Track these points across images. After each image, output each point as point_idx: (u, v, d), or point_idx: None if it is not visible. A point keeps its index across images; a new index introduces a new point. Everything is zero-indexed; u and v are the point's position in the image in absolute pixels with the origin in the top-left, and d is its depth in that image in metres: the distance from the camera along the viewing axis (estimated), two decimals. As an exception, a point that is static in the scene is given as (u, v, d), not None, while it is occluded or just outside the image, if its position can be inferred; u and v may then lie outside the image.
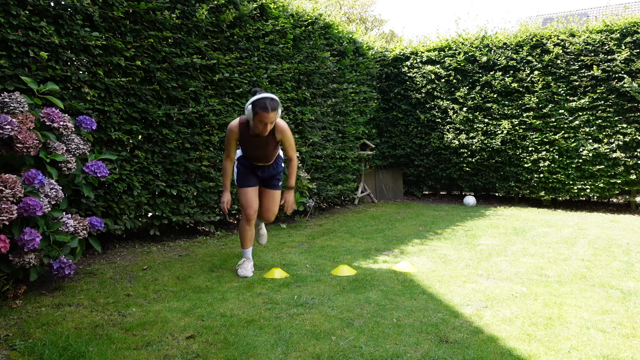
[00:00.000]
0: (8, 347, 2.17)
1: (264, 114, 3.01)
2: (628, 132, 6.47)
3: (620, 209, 7.02)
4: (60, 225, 2.86)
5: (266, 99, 3.03)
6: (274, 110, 3.03)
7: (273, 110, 3.03)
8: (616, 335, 2.34)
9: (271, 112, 3.02)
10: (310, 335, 2.32)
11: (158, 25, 4.17)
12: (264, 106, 3.01)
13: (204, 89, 4.61)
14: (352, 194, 7.46)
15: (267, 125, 3.06)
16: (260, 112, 3.01)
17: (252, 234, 3.50)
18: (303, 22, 5.93)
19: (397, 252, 4.14)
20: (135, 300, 2.84)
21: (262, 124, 3.05)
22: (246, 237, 3.48)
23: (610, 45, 6.51)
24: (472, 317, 2.59)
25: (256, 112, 3.03)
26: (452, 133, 7.75)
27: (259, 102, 3.03)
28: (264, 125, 3.06)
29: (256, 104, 3.03)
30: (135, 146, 4.16)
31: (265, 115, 3.01)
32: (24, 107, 2.85)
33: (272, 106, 3.03)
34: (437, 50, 7.92)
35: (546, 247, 4.36)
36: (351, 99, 7.05)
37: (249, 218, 3.40)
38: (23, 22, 3.21)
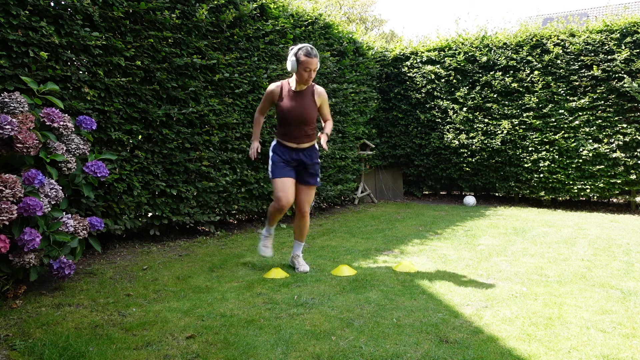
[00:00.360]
0: (8, 347, 2.17)
1: (308, 59, 3.17)
2: (628, 132, 6.47)
3: (620, 209, 7.02)
4: (60, 225, 2.86)
5: (307, 46, 3.21)
6: (316, 56, 3.20)
7: (315, 56, 3.19)
8: (616, 335, 2.34)
9: (314, 57, 3.18)
10: (310, 335, 2.32)
11: (158, 25, 4.17)
12: (307, 52, 3.17)
13: (204, 89, 4.61)
14: (352, 194, 7.46)
15: (312, 72, 3.21)
16: (305, 59, 3.17)
17: (279, 218, 3.53)
18: (303, 22, 5.93)
19: (397, 252, 4.14)
20: (135, 300, 2.84)
21: (306, 72, 3.20)
22: (275, 218, 3.52)
23: (610, 45, 6.51)
24: (472, 317, 2.59)
25: (300, 60, 3.17)
26: (452, 133, 7.75)
27: (301, 49, 3.19)
28: (309, 73, 3.21)
29: (299, 52, 3.18)
30: (135, 146, 4.16)
31: (309, 60, 3.17)
32: (24, 107, 2.85)
33: (314, 53, 3.19)
34: (437, 50, 7.92)
35: (546, 247, 4.36)
36: (351, 99, 7.05)
37: (282, 208, 3.35)
38: (23, 22, 3.21)
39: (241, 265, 3.67)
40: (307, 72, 3.20)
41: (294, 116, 3.32)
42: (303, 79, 3.24)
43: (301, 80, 3.25)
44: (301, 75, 3.22)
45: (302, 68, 3.18)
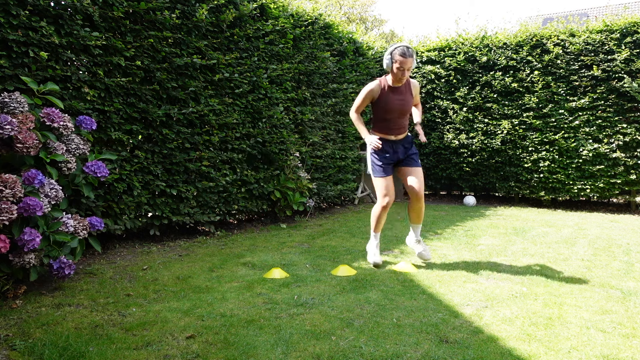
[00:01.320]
0: (8, 347, 2.17)
1: (403, 59, 3.29)
2: (628, 132, 6.47)
3: (620, 209, 7.02)
4: (60, 225, 2.86)
5: (403, 46, 3.32)
6: (411, 56, 3.31)
7: (410, 56, 3.31)
8: (616, 335, 2.34)
9: (409, 57, 3.30)
10: (310, 335, 2.32)
11: (158, 25, 4.17)
12: (402, 52, 3.29)
13: (204, 89, 4.61)
14: (352, 194, 7.46)
15: (406, 71, 3.33)
16: (400, 59, 3.29)
17: (385, 219, 3.67)
18: (303, 22, 5.94)
19: (397, 252, 4.14)
20: (135, 300, 2.84)
21: (401, 71, 3.33)
22: (381, 222, 3.65)
23: (610, 45, 6.51)
24: (472, 317, 2.59)
25: (395, 59, 3.31)
26: (452, 133, 7.75)
27: (397, 49, 3.31)
28: (403, 72, 3.33)
29: (395, 51, 3.31)
30: (135, 146, 4.16)
31: (404, 60, 3.29)
32: (24, 107, 2.85)
33: (410, 53, 3.31)
34: (437, 50, 7.92)
35: (546, 247, 4.36)
36: (351, 99, 7.05)
37: (387, 206, 3.55)
38: (23, 22, 3.22)
39: (241, 265, 3.68)
40: (401, 71, 3.33)
41: (394, 110, 3.50)
42: (397, 77, 3.39)
43: (395, 78, 3.41)
44: (395, 74, 3.37)
45: (397, 67, 3.32)
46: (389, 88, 3.49)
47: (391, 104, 3.49)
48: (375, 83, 3.51)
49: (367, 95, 3.53)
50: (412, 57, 3.32)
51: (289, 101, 5.73)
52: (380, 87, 3.50)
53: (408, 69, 3.34)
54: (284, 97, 5.59)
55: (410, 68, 3.34)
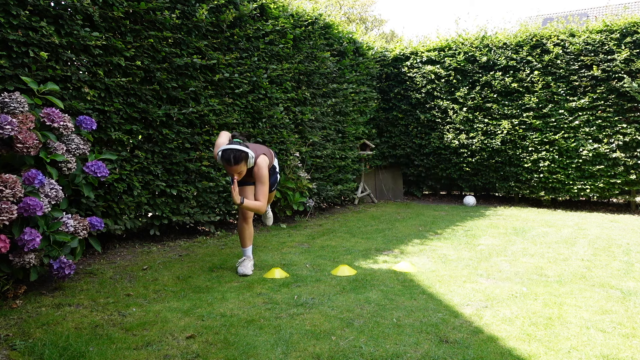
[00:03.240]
0: (8, 347, 2.17)
1: (228, 167, 3.09)
2: (628, 132, 6.47)
3: (620, 209, 7.02)
4: (60, 225, 2.86)
5: (231, 151, 3.06)
6: (237, 163, 3.07)
7: (236, 164, 3.07)
8: (616, 335, 2.34)
9: (234, 165, 3.07)
10: (310, 335, 2.32)
11: (158, 25, 4.17)
12: (227, 159, 3.07)
13: (204, 89, 4.61)
14: (352, 194, 7.46)
15: (235, 174, 3.12)
16: (225, 165, 3.10)
17: (251, 232, 3.52)
18: (303, 22, 5.93)
19: (397, 252, 4.14)
20: (135, 300, 2.84)
21: (229, 174, 3.14)
22: (245, 235, 3.51)
23: (610, 45, 6.51)
24: (472, 317, 2.59)
25: (222, 164, 3.12)
26: (452, 133, 7.75)
27: (223, 154, 3.08)
28: (232, 176, 3.13)
29: (221, 156, 3.10)
30: (135, 146, 4.16)
31: (228, 168, 3.09)
32: (24, 107, 2.85)
33: (236, 160, 3.06)
34: (437, 50, 7.92)
35: (546, 247, 4.36)
36: (351, 99, 7.05)
37: (245, 216, 3.47)
38: (23, 22, 3.22)
39: (241, 265, 3.67)
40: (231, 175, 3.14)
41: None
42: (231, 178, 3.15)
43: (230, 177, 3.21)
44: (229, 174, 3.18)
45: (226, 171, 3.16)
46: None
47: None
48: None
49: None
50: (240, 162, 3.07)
51: (289, 101, 5.73)
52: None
53: (238, 173, 3.12)
54: (284, 97, 5.59)
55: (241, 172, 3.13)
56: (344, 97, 6.85)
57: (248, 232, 3.50)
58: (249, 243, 3.51)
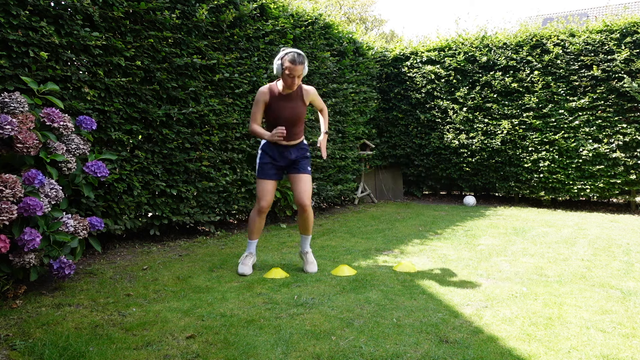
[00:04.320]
0: (8, 347, 2.17)
1: (292, 66, 3.15)
2: (628, 132, 6.47)
3: (620, 209, 7.02)
4: (60, 225, 2.86)
5: (294, 52, 3.18)
6: (301, 63, 3.17)
7: (301, 64, 3.17)
8: (616, 335, 2.34)
9: (298, 65, 3.16)
10: (310, 335, 2.32)
11: (158, 25, 4.17)
12: (292, 59, 3.15)
13: (204, 89, 4.61)
14: (352, 194, 7.46)
15: (295, 78, 3.19)
16: (289, 65, 3.15)
17: (262, 226, 3.47)
18: (303, 22, 5.94)
19: (397, 252, 4.14)
20: (135, 300, 2.84)
21: (290, 78, 3.19)
22: (254, 228, 3.45)
23: (610, 45, 6.51)
24: (472, 317, 2.59)
25: (285, 65, 3.17)
26: (452, 133, 7.75)
27: (288, 55, 3.17)
28: (292, 79, 3.19)
29: (285, 57, 3.17)
30: (135, 146, 4.16)
31: (293, 67, 3.15)
32: (24, 107, 2.85)
33: (300, 60, 3.17)
34: (437, 50, 7.92)
35: (546, 247, 4.36)
36: (351, 99, 7.05)
37: (262, 210, 3.39)
38: (23, 22, 3.22)
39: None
40: (290, 78, 3.19)
41: (285, 117, 3.32)
42: (287, 84, 3.24)
43: (285, 84, 3.25)
44: (285, 80, 3.23)
45: (286, 73, 3.18)
46: (280, 95, 3.32)
47: (281, 111, 3.32)
48: (264, 87, 3.33)
49: (258, 100, 3.32)
50: (303, 64, 3.17)
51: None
52: (270, 92, 3.32)
53: (298, 76, 3.19)
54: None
55: (300, 75, 3.19)
56: (344, 97, 6.85)
57: (259, 225, 3.44)
58: (256, 236, 3.47)
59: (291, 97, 3.34)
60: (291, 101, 3.34)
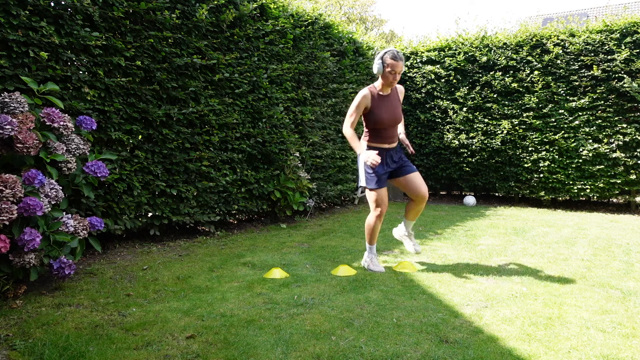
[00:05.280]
0: (8, 347, 2.17)
1: (395, 62, 3.28)
2: (628, 132, 6.47)
3: (620, 209, 7.02)
4: (60, 225, 2.86)
5: (393, 49, 3.34)
6: (401, 59, 3.32)
7: (401, 60, 3.31)
8: (616, 335, 2.34)
9: (400, 60, 3.30)
10: (310, 335, 2.32)
11: (158, 25, 4.17)
12: (394, 56, 3.29)
13: (204, 89, 4.61)
14: (352, 194, 7.46)
15: (397, 75, 3.32)
16: (392, 62, 3.28)
17: (379, 229, 3.61)
18: (303, 22, 5.93)
19: (397, 252, 4.14)
20: (135, 300, 2.84)
21: (392, 74, 3.31)
22: (376, 233, 3.59)
23: (610, 45, 6.51)
24: (472, 317, 2.59)
25: (387, 62, 3.30)
26: (452, 133, 7.75)
27: (388, 53, 3.31)
28: (394, 75, 3.32)
29: (386, 55, 3.31)
30: (135, 146, 4.16)
31: (395, 64, 3.28)
32: (24, 107, 2.85)
33: (400, 56, 3.31)
34: (437, 50, 7.92)
35: (546, 247, 4.36)
36: (351, 99, 7.04)
37: (380, 215, 3.54)
38: (23, 22, 3.22)
39: (241, 265, 3.67)
40: (392, 74, 3.31)
41: (388, 118, 3.44)
42: (388, 81, 3.35)
43: (387, 82, 3.36)
44: (387, 78, 3.34)
45: (389, 71, 3.30)
46: (379, 96, 3.41)
47: (383, 113, 3.40)
48: (366, 91, 3.38)
49: (361, 103, 3.38)
50: (403, 60, 3.32)
51: (289, 101, 5.73)
52: (371, 94, 3.39)
53: (399, 72, 3.32)
54: (284, 97, 5.59)
55: (400, 71, 3.32)
56: (344, 97, 6.85)
57: (378, 229, 3.61)
58: (375, 241, 3.64)
59: (390, 98, 3.46)
60: (390, 101, 3.46)
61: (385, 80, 3.36)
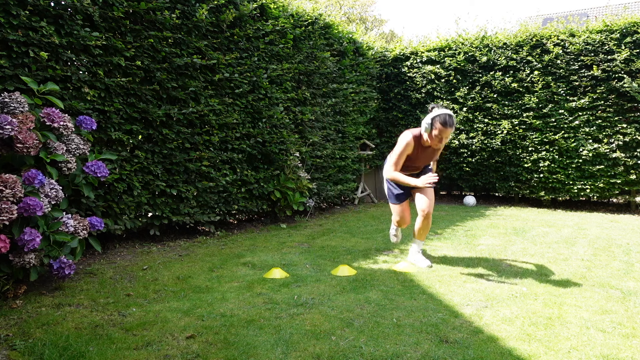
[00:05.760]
0: (8, 347, 2.17)
1: (444, 129, 3.22)
2: (628, 132, 6.47)
3: (620, 209, 7.02)
4: (60, 225, 2.86)
5: (447, 115, 3.23)
6: (451, 126, 3.23)
7: (451, 126, 3.23)
8: (616, 335, 2.34)
9: (450, 127, 3.22)
10: (310, 335, 2.32)
11: (158, 25, 4.17)
12: (444, 122, 3.21)
13: (204, 89, 4.61)
14: (352, 194, 7.46)
15: (443, 140, 3.28)
16: (441, 128, 3.22)
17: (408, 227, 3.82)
18: (303, 22, 5.93)
19: (397, 252, 4.14)
20: (135, 300, 2.84)
21: (438, 139, 3.27)
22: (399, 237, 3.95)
23: (610, 45, 6.51)
24: (472, 317, 2.59)
25: (436, 126, 3.23)
26: (452, 133, 7.75)
27: (440, 117, 3.22)
28: (440, 140, 3.28)
29: (438, 119, 3.23)
30: (135, 146, 4.16)
31: (445, 130, 3.22)
32: (24, 107, 2.85)
33: (451, 122, 3.23)
34: (437, 50, 7.92)
35: (546, 247, 4.36)
36: (351, 99, 7.05)
37: (401, 227, 3.82)
38: (23, 22, 3.22)
39: (241, 265, 3.67)
40: (438, 139, 3.27)
41: (420, 162, 3.57)
42: (433, 144, 3.33)
43: (431, 143, 3.34)
44: (432, 140, 3.31)
45: (436, 134, 3.26)
46: (422, 146, 3.45)
47: (420, 157, 3.51)
48: (410, 137, 3.40)
49: (404, 150, 3.43)
50: (453, 126, 3.25)
51: (289, 101, 5.73)
52: (414, 143, 3.42)
53: (446, 138, 3.28)
54: (284, 97, 5.59)
55: (448, 137, 3.28)
56: (344, 97, 6.85)
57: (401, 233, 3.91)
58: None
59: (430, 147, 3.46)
60: (429, 150, 3.49)
61: (430, 141, 3.34)
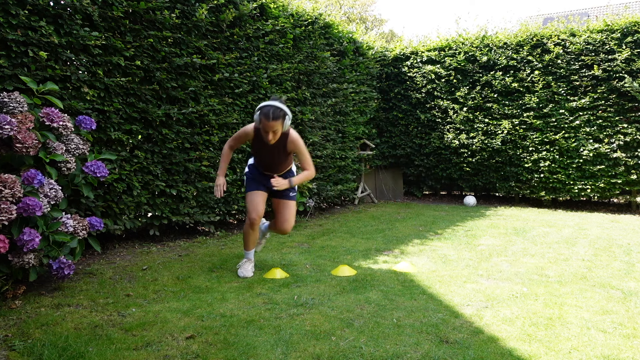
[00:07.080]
0: (7, 347, 2.16)
1: (265, 121, 3.01)
2: (629, 132, 6.46)
3: (621, 209, 7.01)
4: (60, 225, 2.86)
5: (271, 107, 3.02)
6: (275, 119, 3.00)
7: (275, 120, 3.00)
8: (617, 336, 2.33)
9: (272, 120, 3.00)
10: (310, 335, 2.31)
11: (158, 25, 4.16)
12: (266, 114, 3.00)
13: (203, 89, 4.60)
14: (352, 194, 7.46)
15: (270, 133, 3.05)
16: (264, 120, 3.02)
17: (256, 237, 3.43)
18: (303, 22, 5.93)
19: (397, 252, 4.14)
20: (135, 300, 2.83)
21: (264, 131, 3.06)
22: (249, 240, 3.42)
23: (610, 45, 6.50)
24: (472, 317, 2.58)
25: (260, 118, 3.05)
26: (452, 133, 7.74)
27: (264, 109, 3.03)
28: (267, 133, 3.06)
29: (260, 111, 3.05)
30: (135, 146, 4.15)
31: (267, 123, 3.01)
32: (23, 106, 2.84)
33: (275, 115, 3.00)
34: (437, 50, 7.91)
35: (546, 247, 4.35)
36: (351, 99, 7.04)
37: (252, 223, 3.32)
38: (22, 21, 3.21)
39: (241, 265, 3.66)
40: (264, 132, 3.06)
41: (265, 160, 3.31)
42: (265, 138, 3.10)
43: (263, 137, 3.12)
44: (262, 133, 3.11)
45: (261, 127, 3.06)
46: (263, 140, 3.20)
47: (262, 151, 3.27)
48: (250, 127, 3.25)
49: (240, 135, 3.31)
50: (279, 119, 3.00)
51: (288, 101, 5.72)
52: (253, 131, 3.24)
53: (273, 132, 3.04)
54: (284, 97, 5.58)
55: (276, 130, 3.04)
56: (344, 97, 6.85)
57: (253, 237, 3.41)
58: (252, 247, 3.45)
59: (274, 145, 3.21)
60: (273, 148, 3.23)
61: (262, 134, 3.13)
